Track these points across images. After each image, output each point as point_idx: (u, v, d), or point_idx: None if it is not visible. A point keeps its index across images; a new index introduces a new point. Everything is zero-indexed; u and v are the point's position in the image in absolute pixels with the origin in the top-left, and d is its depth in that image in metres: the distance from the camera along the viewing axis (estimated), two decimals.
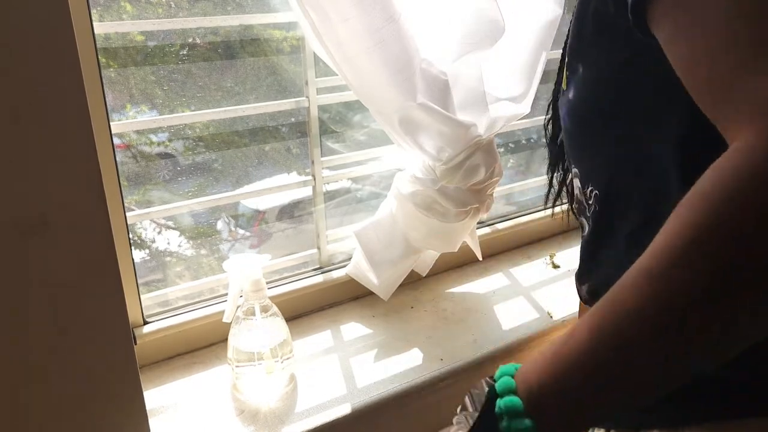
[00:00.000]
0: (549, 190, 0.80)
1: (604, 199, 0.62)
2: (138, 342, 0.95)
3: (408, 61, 0.90)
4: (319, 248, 1.16)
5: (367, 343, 1.05)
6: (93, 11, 0.82)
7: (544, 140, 0.80)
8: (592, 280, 0.67)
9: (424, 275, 1.22)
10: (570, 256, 1.34)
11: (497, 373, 0.48)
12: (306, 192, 1.14)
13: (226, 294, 0.95)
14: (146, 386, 0.93)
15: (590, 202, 0.64)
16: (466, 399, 0.51)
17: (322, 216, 1.14)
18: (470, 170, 1.02)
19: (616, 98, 0.58)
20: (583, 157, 0.65)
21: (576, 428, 0.44)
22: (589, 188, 0.64)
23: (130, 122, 0.94)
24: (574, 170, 0.67)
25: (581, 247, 0.69)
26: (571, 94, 0.62)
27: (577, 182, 0.66)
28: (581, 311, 0.96)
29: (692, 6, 0.41)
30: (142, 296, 0.97)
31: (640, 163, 0.57)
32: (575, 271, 0.72)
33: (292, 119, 1.10)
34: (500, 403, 0.45)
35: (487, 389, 0.48)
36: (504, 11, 0.92)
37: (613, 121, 0.59)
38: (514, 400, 0.44)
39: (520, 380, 0.46)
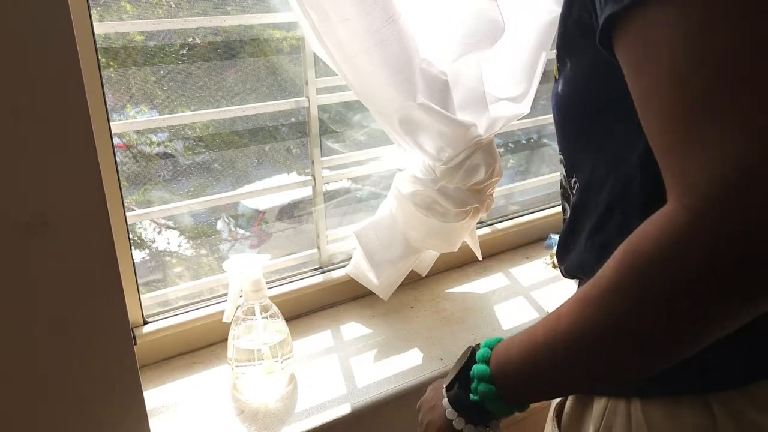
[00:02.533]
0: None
1: (583, 191, 0.64)
2: (138, 342, 0.95)
3: (408, 61, 0.90)
4: (319, 248, 1.16)
5: (367, 343, 1.05)
6: (93, 11, 0.82)
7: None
8: (566, 262, 0.70)
9: (424, 275, 1.22)
10: None
11: (482, 344, 0.59)
12: (306, 192, 1.14)
13: (226, 294, 0.95)
14: (146, 386, 0.93)
15: (574, 191, 0.66)
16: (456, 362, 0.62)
17: (322, 216, 1.14)
18: (470, 170, 1.02)
19: (598, 97, 0.59)
20: (569, 148, 0.67)
21: (528, 398, 0.56)
22: (573, 179, 0.66)
23: (130, 122, 0.94)
24: (560, 157, 0.69)
25: (562, 229, 0.71)
26: (560, 87, 0.64)
27: (562, 169, 0.68)
28: None
29: (647, 51, 0.42)
30: (142, 296, 0.97)
31: (613, 163, 0.59)
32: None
33: (292, 119, 1.10)
34: (474, 368, 0.57)
35: (466, 357, 0.59)
36: (504, 11, 0.92)
37: (595, 118, 0.60)
38: (484, 368, 0.56)
39: (494, 353, 0.57)
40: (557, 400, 0.69)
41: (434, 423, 0.61)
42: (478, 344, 0.60)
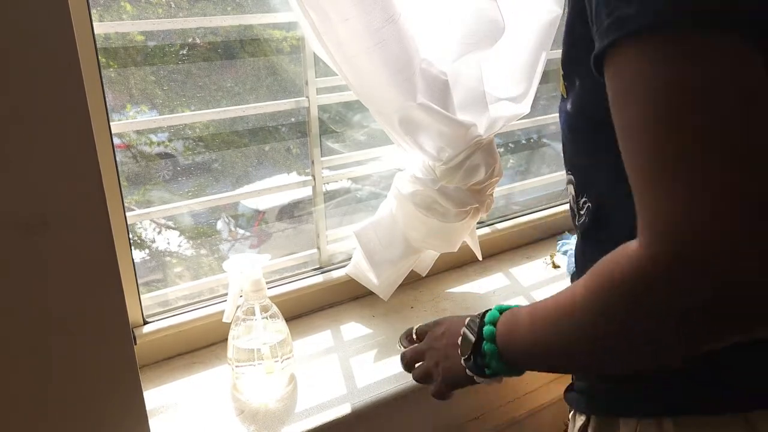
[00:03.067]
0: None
1: (595, 212, 0.62)
2: (138, 342, 0.95)
3: (408, 61, 0.90)
4: (319, 248, 1.16)
5: (367, 343, 1.05)
6: (93, 11, 0.82)
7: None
8: None
9: (424, 275, 1.22)
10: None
11: (485, 320, 0.66)
12: (306, 192, 1.14)
13: (226, 294, 0.95)
14: (146, 386, 0.93)
15: (582, 212, 0.64)
16: (463, 330, 0.69)
17: (322, 216, 1.14)
18: (470, 170, 1.02)
19: (607, 118, 0.57)
20: (578, 167, 0.65)
21: (529, 369, 0.64)
22: (583, 199, 0.64)
23: (130, 122, 0.94)
24: (569, 177, 0.67)
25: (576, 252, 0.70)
26: (569, 106, 0.62)
27: (571, 189, 0.67)
28: None
29: (631, 87, 0.43)
30: (142, 296, 0.97)
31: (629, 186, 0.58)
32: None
33: (292, 119, 1.10)
34: (485, 347, 0.65)
35: (476, 334, 0.66)
36: (504, 11, 0.92)
37: (606, 140, 0.58)
38: (493, 348, 0.64)
39: (498, 334, 0.64)
40: (579, 423, 0.67)
41: (451, 370, 0.70)
42: (483, 317, 0.66)
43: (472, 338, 0.66)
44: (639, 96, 0.42)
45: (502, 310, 0.65)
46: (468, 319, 0.69)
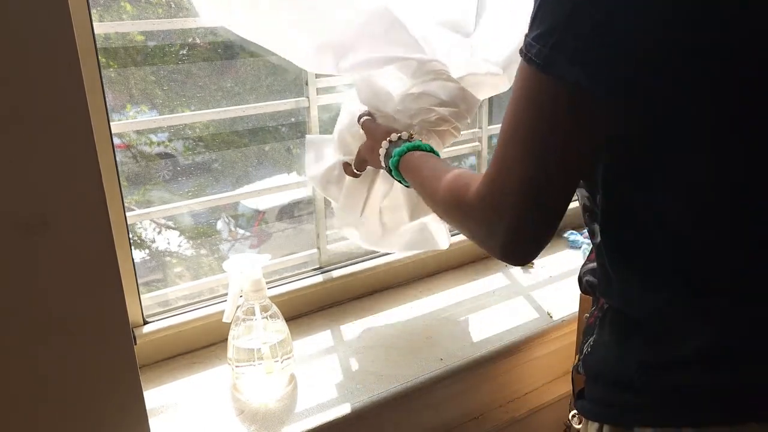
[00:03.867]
0: None
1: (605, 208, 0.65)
2: (138, 342, 0.95)
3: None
4: (319, 248, 1.16)
5: (367, 343, 1.05)
6: (93, 11, 0.82)
7: None
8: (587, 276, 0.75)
9: (446, 247, 1.12)
10: (568, 256, 1.34)
11: (394, 153, 0.85)
12: (306, 192, 1.14)
13: (226, 294, 0.95)
14: (146, 386, 0.93)
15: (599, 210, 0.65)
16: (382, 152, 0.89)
17: (322, 216, 1.14)
18: (419, 95, 0.94)
19: None
20: None
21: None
22: (598, 196, 0.65)
23: (130, 122, 0.94)
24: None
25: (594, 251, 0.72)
26: None
27: (584, 191, 0.67)
28: (581, 308, 0.97)
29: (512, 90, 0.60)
30: (142, 296, 0.97)
31: None
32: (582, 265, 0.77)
33: (292, 119, 1.10)
34: (391, 163, 0.85)
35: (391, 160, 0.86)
36: None
37: None
38: (397, 174, 0.85)
39: (400, 164, 0.85)
40: (594, 428, 0.67)
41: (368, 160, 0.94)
42: (399, 145, 0.86)
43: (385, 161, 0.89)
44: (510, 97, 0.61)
45: (410, 148, 0.84)
46: (387, 145, 0.88)
